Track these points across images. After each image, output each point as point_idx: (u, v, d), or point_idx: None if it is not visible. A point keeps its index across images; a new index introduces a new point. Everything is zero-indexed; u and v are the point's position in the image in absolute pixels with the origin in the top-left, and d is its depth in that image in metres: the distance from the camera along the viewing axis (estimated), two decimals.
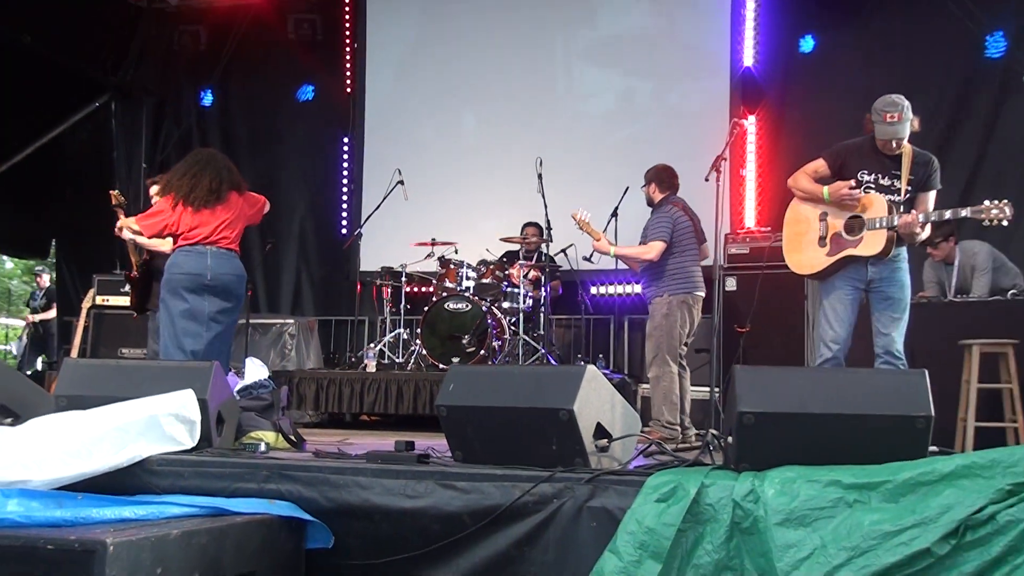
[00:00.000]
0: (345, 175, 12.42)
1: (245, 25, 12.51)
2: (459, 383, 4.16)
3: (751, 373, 3.75)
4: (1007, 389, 6.69)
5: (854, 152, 6.04)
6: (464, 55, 11.93)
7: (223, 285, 6.47)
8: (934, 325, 7.04)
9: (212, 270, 6.40)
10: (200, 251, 6.42)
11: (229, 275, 6.50)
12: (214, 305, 6.43)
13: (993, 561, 3.05)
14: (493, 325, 8.87)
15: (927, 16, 10.00)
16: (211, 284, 6.40)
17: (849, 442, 3.51)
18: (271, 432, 5.03)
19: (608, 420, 4.06)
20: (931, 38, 10.13)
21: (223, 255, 6.48)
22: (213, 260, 6.42)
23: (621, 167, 9.75)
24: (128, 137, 13.02)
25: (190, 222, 6.43)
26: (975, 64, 10.02)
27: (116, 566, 3.06)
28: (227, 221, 6.52)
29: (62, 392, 4.65)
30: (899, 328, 5.80)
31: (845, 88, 10.23)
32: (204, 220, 6.44)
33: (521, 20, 11.73)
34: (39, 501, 3.51)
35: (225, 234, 6.51)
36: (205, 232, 6.43)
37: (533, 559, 3.62)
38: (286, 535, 3.81)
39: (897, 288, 5.84)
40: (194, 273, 6.37)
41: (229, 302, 6.53)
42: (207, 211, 6.45)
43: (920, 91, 9.98)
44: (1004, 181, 9.83)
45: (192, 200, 6.43)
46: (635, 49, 11.29)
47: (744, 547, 3.32)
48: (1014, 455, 3.33)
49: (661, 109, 11.13)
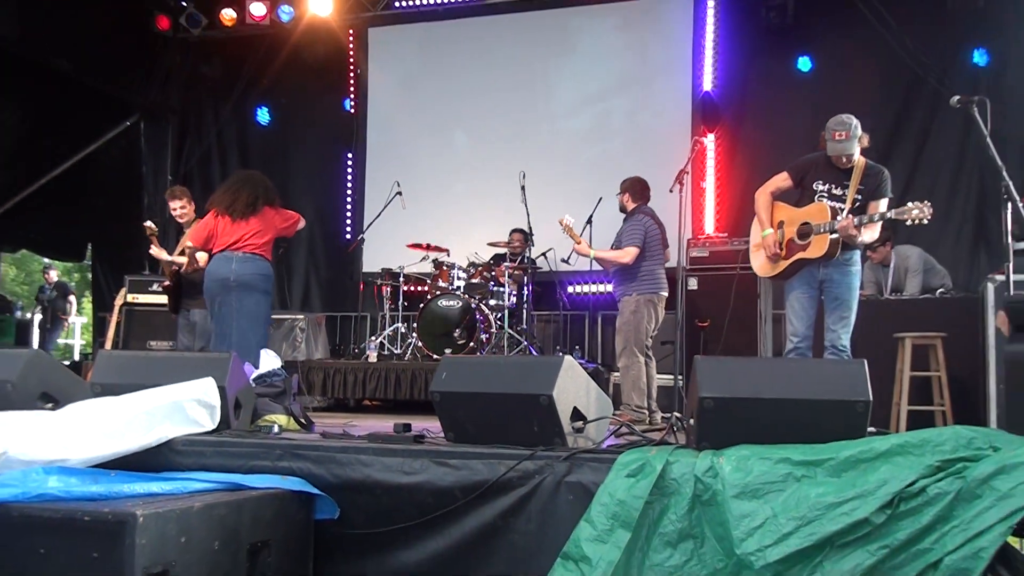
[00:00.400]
0: (349, 187, 12.41)
1: (260, 53, 12.46)
2: (451, 372, 4.16)
3: (710, 363, 3.75)
4: (935, 377, 6.72)
5: (812, 166, 6.09)
6: (456, 80, 11.92)
7: (245, 283, 6.66)
8: (872, 320, 7.06)
9: (235, 272, 6.64)
10: (227, 256, 6.69)
11: (251, 274, 6.69)
12: (240, 299, 6.65)
13: (923, 529, 3.07)
14: (481, 320, 8.88)
15: (868, 46, 10.01)
16: (235, 283, 6.64)
17: (797, 424, 3.51)
18: (283, 416, 5.01)
19: (583, 404, 4.06)
20: (871, 66, 10.17)
21: (247, 258, 6.69)
22: (237, 263, 6.66)
23: (595, 180, 9.82)
24: (155, 152, 13.00)
25: (228, 231, 6.73)
26: (909, 88, 10.06)
27: (145, 535, 3.06)
28: (257, 231, 6.76)
29: (97, 380, 4.65)
30: (844, 325, 5.82)
31: (794, 110, 10.29)
32: (239, 229, 6.72)
33: (507, 49, 11.75)
34: (77, 477, 3.51)
35: (253, 241, 6.73)
36: (234, 239, 6.71)
37: (517, 528, 3.63)
38: (297, 507, 3.81)
39: (844, 290, 5.86)
40: (221, 276, 6.65)
41: (253, 296, 6.71)
42: (243, 222, 6.73)
43: (861, 112, 10.04)
44: (936, 191, 9.87)
45: (231, 212, 6.74)
46: (608, 75, 11.31)
47: (704, 517, 3.32)
48: (942, 435, 3.35)
49: (631, 128, 11.14)
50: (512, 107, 11.62)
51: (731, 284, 8.04)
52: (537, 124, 11.58)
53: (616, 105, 11.30)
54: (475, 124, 11.79)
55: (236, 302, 6.67)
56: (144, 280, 9.71)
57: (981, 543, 2.97)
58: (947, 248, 9.47)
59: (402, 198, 9.86)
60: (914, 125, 10.07)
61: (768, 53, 10.65)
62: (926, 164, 9.99)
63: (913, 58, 9.80)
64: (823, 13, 10.36)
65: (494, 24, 11.84)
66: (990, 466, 3.10)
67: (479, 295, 9.14)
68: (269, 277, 6.87)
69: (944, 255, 8.97)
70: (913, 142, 10.04)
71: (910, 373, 6.70)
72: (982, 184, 9.61)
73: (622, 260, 7.12)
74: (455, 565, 3.69)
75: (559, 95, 11.55)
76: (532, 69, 11.68)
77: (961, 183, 9.86)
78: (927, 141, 10.01)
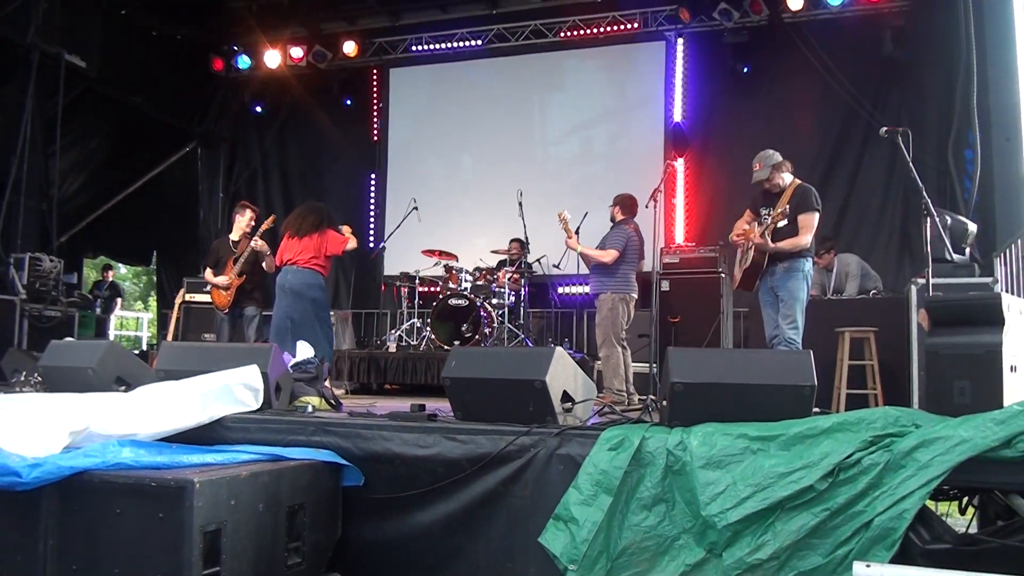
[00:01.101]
0: (372, 202, 12.38)
1: (299, 89, 12.49)
2: (459, 360, 4.15)
3: (681, 353, 3.74)
4: (869, 365, 6.72)
5: (757, 197, 6.23)
6: (463, 112, 11.91)
7: (296, 291, 6.98)
8: (817, 318, 7.06)
9: (290, 282, 7.01)
10: (286, 269, 7.09)
11: (301, 284, 7.00)
12: (293, 303, 6.99)
13: (859, 494, 3.07)
14: (485, 316, 8.86)
15: (813, 85, 10.05)
16: (289, 290, 6.99)
17: (754, 405, 3.50)
18: (316, 397, 5.01)
19: (572, 388, 4.06)
20: (816, 101, 10.19)
21: (299, 271, 7.03)
22: (291, 275, 7.03)
23: (581, 197, 9.86)
24: (209, 174, 13.05)
25: (292, 247, 7.10)
26: (845, 121, 10.08)
27: (201, 498, 3.07)
28: (313, 248, 7.07)
29: (160, 367, 4.66)
30: (790, 322, 5.83)
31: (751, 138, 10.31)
32: (297, 248, 7.08)
33: (506, 86, 11.74)
34: (145, 449, 3.52)
35: (303, 257, 7.06)
36: (293, 256, 7.06)
37: (515, 493, 3.62)
38: (328, 475, 3.81)
39: (786, 293, 5.88)
40: (280, 284, 7.07)
41: (303, 302, 6.99)
42: (306, 239, 7.09)
43: (805, 143, 10.11)
44: (868, 207, 9.92)
45: (296, 232, 7.13)
46: (592, 108, 11.31)
47: (675, 484, 3.32)
48: (874, 415, 3.36)
49: (611, 153, 11.13)
50: (511, 135, 11.61)
51: (698, 286, 8.07)
52: (532, 149, 11.58)
53: (599, 133, 11.29)
54: (479, 149, 11.77)
55: (290, 306, 6.99)
56: (199, 282, 9.69)
57: (905, 506, 2.98)
58: (879, 255, 9.49)
59: (418, 212, 9.82)
60: (851, 151, 10.09)
61: (730, 90, 10.68)
62: (860, 185, 10.04)
63: (850, 95, 9.82)
64: (777, 58, 10.39)
65: (496, 65, 11.83)
66: (912, 440, 3.12)
67: (483, 295, 9.12)
68: (315, 286, 7.09)
69: (876, 261, 9.00)
70: (850, 165, 10.06)
71: (848, 362, 6.70)
72: (906, 202, 9.63)
73: (603, 259, 7.09)
74: (463, 525, 3.70)
75: (550, 125, 11.55)
76: (528, 103, 11.69)
77: (889, 201, 9.90)
78: (861, 165, 10.04)
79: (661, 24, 10.90)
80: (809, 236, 5.87)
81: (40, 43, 9.23)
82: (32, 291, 8.55)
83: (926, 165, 8.22)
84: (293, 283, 7.01)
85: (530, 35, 11.51)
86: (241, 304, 7.72)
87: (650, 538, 3.27)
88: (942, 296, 4.77)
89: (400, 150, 12.30)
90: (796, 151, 10.22)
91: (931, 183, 7.97)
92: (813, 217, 5.89)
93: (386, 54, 12.20)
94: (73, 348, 5.18)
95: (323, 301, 7.20)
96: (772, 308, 6.01)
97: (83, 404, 3.85)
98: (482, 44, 11.78)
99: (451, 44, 11.97)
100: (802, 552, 3.07)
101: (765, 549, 3.09)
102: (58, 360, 4.98)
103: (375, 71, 12.50)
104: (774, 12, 10.08)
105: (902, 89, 9.83)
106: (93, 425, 3.65)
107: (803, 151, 10.28)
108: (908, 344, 6.16)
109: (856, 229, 9.83)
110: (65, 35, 9.61)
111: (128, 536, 3.15)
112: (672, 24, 10.82)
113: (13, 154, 9.27)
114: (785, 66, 10.33)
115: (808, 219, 5.88)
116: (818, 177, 10.13)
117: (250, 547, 3.30)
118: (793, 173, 6.12)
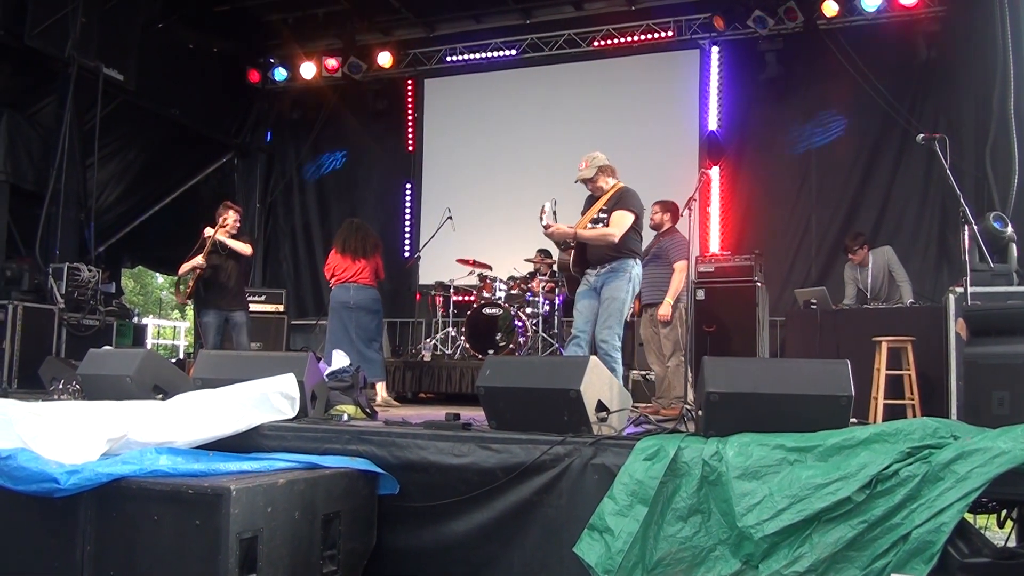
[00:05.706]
0: (408, 212, 12.42)
1: (333, 100, 12.58)
2: (493, 369, 4.15)
3: (716, 362, 3.72)
4: (907, 375, 6.62)
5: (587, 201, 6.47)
6: (497, 122, 11.95)
7: (361, 306, 7.37)
8: (854, 327, 7.03)
9: (353, 298, 7.36)
10: (346, 287, 7.40)
11: (365, 298, 7.40)
12: (357, 317, 7.35)
13: (896, 506, 3.04)
14: (519, 325, 8.86)
15: (848, 92, 9.95)
16: (354, 306, 7.36)
17: (790, 415, 3.48)
18: (351, 406, 5.03)
19: (607, 398, 4.05)
20: (851, 108, 10.10)
21: (361, 288, 7.40)
22: (354, 292, 7.37)
23: None
24: (246, 184, 13.14)
25: (344, 266, 7.45)
26: (881, 128, 9.97)
27: (238, 506, 3.09)
28: (365, 268, 7.46)
29: (198, 375, 4.70)
30: (605, 323, 5.80)
31: (786, 146, 10.27)
32: (348, 264, 7.44)
33: (540, 95, 11.73)
34: (182, 457, 3.55)
35: (362, 276, 7.43)
36: (351, 274, 7.42)
37: (550, 503, 3.62)
38: (363, 484, 3.83)
39: (606, 293, 5.89)
40: (342, 301, 7.39)
41: (367, 315, 7.40)
42: (351, 260, 7.45)
43: (841, 150, 10.03)
44: (905, 215, 9.81)
45: (344, 251, 7.49)
46: (627, 117, 11.25)
47: (711, 495, 3.30)
48: (912, 426, 3.32)
49: (646, 161, 11.00)
50: (544, 144, 11.56)
51: (733, 295, 8.00)
52: (565, 158, 11.48)
53: (633, 142, 11.19)
54: (513, 158, 11.75)
55: (354, 320, 7.34)
56: None
57: (943, 519, 2.95)
58: (916, 263, 9.36)
59: (452, 222, 9.84)
60: (887, 158, 9.98)
61: (765, 98, 10.60)
62: (897, 192, 9.91)
63: (886, 102, 9.72)
64: (812, 65, 10.29)
65: (529, 75, 11.83)
66: (951, 452, 3.08)
67: (517, 304, 9.13)
68: (378, 300, 7.53)
69: (913, 270, 8.87)
70: (886, 173, 9.96)
71: (886, 372, 6.60)
72: (944, 209, 9.51)
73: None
74: (497, 534, 3.69)
75: (584, 133, 11.46)
76: (561, 111, 11.65)
77: (927, 208, 9.77)
78: (897, 172, 9.92)
79: (695, 32, 10.85)
80: (617, 231, 5.83)
81: (78, 57, 9.37)
82: (70, 300, 8.68)
83: (963, 171, 8.12)
84: (359, 299, 7.37)
85: (563, 44, 11.51)
86: (223, 308, 7.87)
87: (686, 549, 3.25)
88: (980, 305, 4.70)
89: (435, 160, 12.34)
90: (832, 158, 10.24)
91: (968, 190, 7.85)
92: (626, 216, 5.88)
93: (421, 65, 12.25)
94: (111, 356, 5.24)
95: (380, 316, 7.58)
96: (587, 306, 5.97)
97: (121, 412, 3.88)
98: (516, 54, 11.79)
99: (485, 54, 11.99)
100: (839, 565, 3.03)
101: (802, 562, 3.06)
102: (96, 368, 5.04)
103: (410, 81, 12.55)
104: (809, 19, 9.99)
105: (938, 95, 9.69)
106: (131, 433, 3.69)
107: (839, 158, 10.22)
108: (946, 354, 6.07)
109: (893, 237, 9.69)
110: (103, 49, 9.75)
111: (165, 543, 3.18)
112: (706, 32, 10.77)
113: (52, 166, 9.43)
114: (820, 73, 10.24)
115: (620, 216, 5.88)
116: (854, 185, 10.07)
117: (286, 554, 3.32)
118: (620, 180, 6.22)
